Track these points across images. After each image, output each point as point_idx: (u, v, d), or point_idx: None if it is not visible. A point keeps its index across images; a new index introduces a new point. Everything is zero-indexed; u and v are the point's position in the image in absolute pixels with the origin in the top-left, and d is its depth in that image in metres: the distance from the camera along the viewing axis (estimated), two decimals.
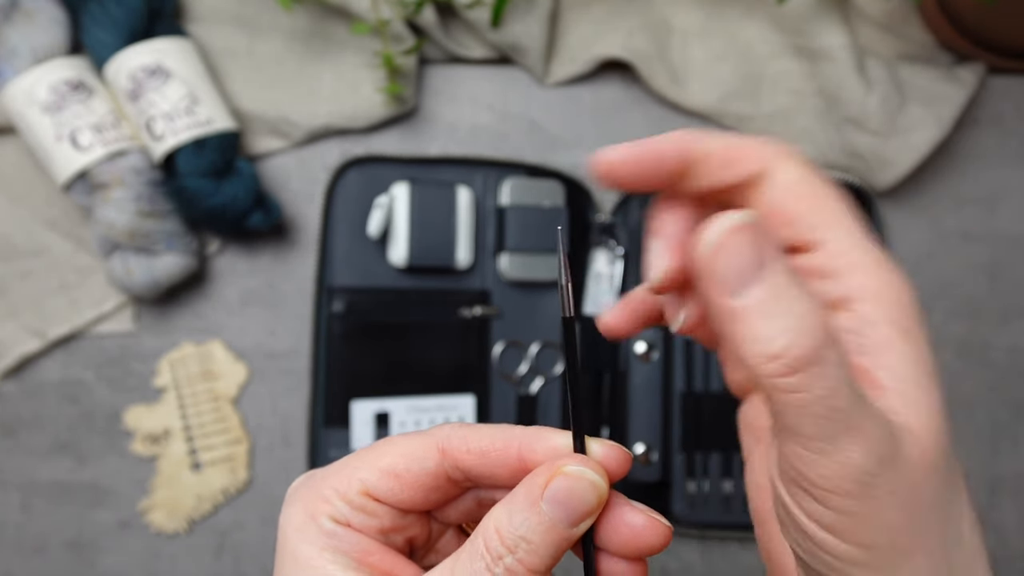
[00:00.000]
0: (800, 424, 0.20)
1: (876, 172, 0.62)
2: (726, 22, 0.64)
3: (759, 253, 0.20)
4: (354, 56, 0.63)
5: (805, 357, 0.19)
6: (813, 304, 0.20)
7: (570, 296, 0.26)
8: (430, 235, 0.60)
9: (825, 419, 0.20)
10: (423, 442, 0.25)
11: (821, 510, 0.21)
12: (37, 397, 0.61)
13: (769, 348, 0.20)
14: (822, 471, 0.20)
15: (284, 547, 0.25)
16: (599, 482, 0.23)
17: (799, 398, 0.20)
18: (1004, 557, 0.65)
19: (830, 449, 0.20)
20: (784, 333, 0.19)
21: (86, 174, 0.57)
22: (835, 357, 0.20)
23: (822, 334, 0.20)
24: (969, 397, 0.65)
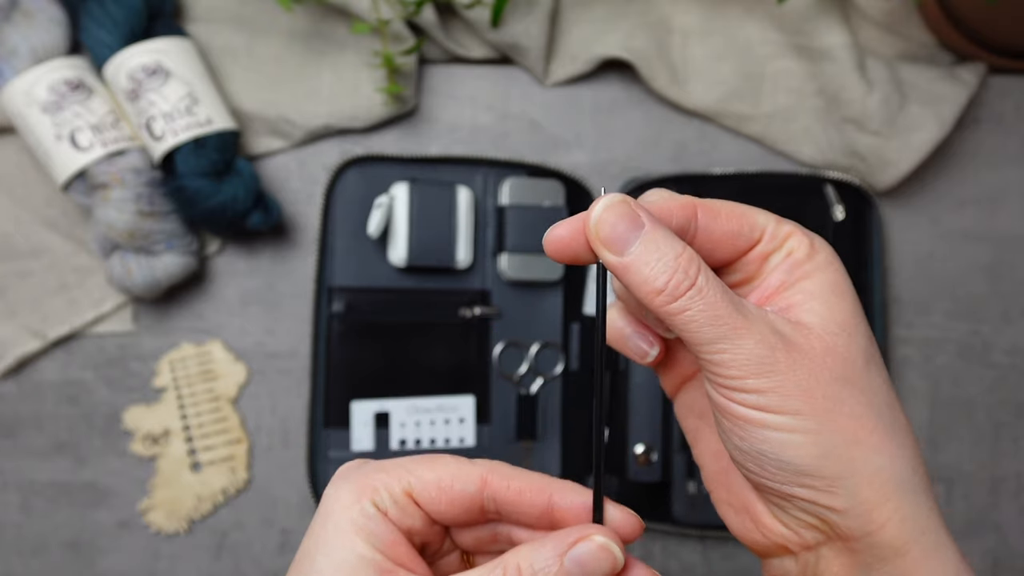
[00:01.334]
0: (698, 334, 0.27)
1: (877, 172, 0.62)
2: (726, 22, 0.64)
3: (633, 220, 0.27)
4: (354, 56, 0.63)
5: (682, 284, 0.26)
6: (682, 249, 0.27)
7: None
8: (430, 235, 0.60)
9: (713, 325, 0.26)
10: (470, 468, 0.29)
11: (743, 395, 0.27)
12: (37, 397, 0.61)
13: (654, 285, 0.27)
14: (729, 363, 0.27)
15: (326, 516, 0.28)
16: (619, 558, 0.27)
17: (688, 315, 0.26)
18: (1004, 557, 0.65)
19: (728, 346, 0.26)
20: (663, 273, 0.26)
21: (85, 174, 0.57)
22: (706, 282, 0.26)
23: (693, 269, 0.27)
24: (970, 397, 0.65)
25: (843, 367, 0.27)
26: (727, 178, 0.63)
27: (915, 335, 0.65)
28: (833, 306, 0.28)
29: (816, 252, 0.29)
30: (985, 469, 0.65)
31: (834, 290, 0.28)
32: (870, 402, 0.28)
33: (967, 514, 0.65)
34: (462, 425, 0.61)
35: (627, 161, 0.65)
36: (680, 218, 0.29)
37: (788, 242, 0.29)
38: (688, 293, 0.26)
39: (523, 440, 0.62)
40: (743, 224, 0.29)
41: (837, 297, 0.28)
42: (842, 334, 0.28)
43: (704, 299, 0.26)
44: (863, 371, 0.28)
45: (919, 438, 0.65)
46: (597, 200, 0.28)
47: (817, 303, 0.28)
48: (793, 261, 0.29)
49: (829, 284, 0.28)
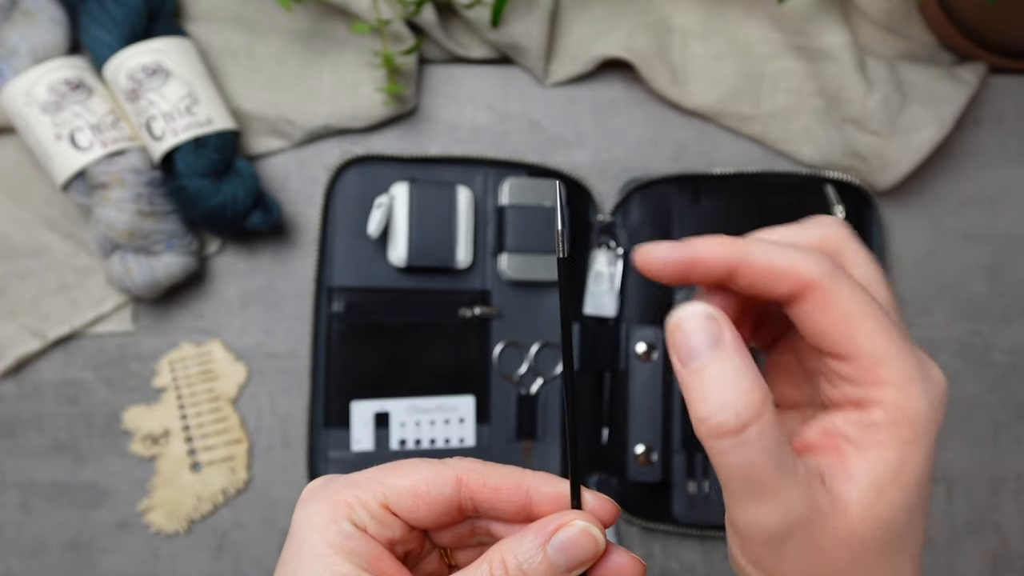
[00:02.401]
0: (725, 479, 0.25)
1: (877, 172, 0.62)
2: (726, 22, 0.64)
3: (713, 335, 0.25)
4: (354, 56, 0.63)
5: (728, 427, 0.24)
6: (748, 388, 0.24)
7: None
8: (430, 235, 0.60)
9: (742, 481, 0.24)
10: (444, 470, 0.28)
11: (746, 547, 0.26)
12: (36, 397, 0.61)
13: (700, 411, 0.24)
14: (742, 519, 0.25)
15: (300, 542, 0.27)
16: (600, 539, 0.27)
17: (723, 460, 0.24)
18: (1004, 557, 0.65)
19: (748, 506, 0.25)
20: (715, 403, 0.24)
21: (85, 174, 0.57)
22: (757, 434, 0.24)
23: (749, 414, 0.24)
24: (970, 397, 0.65)
25: (863, 562, 0.25)
26: (727, 178, 0.63)
27: (915, 335, 0.65)
28: (880, 501, 0.25)
29: (903, 423, 0.25)
30: (985, 469, 0.65)
31: (896, 478, 0.25)
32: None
33: (967, 514, 0.65)
34: (462, 425, 0.61)
35: (627, 161, 0.65)
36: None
37: (874, 390, 0.25)
38: (740, 434, 0.24)
39: (523, 440, 0.62)
40: (831, 336, 0.26)
41: (892, 488, 0.25)
42: (878, 530, 0.25)
43: (744, 449, 0.24)
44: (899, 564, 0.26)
45: None
46: (692, 302, 0.26)
47: (869, 490, 0.25)
48: (870, 418, 0.25)
49: (895, 468, 0.25)
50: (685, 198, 0.63)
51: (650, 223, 0.63)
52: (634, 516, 0.62)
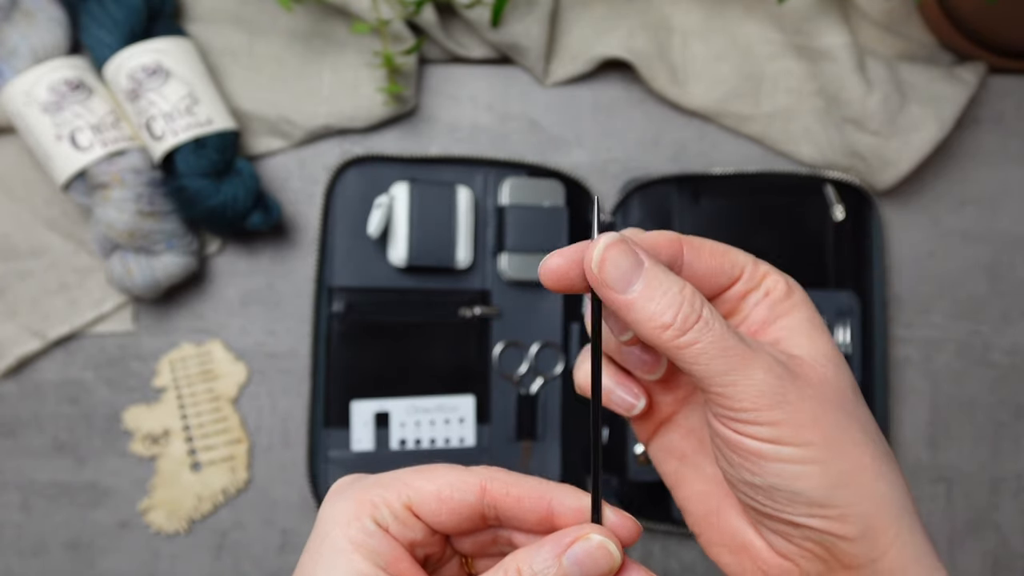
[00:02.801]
0: (708, 367, 0.27)
1: (877, 172, 0.62)
2: (726, 22, 0.64)
3: (634, 257, 0.27)
4: (354, 56, 0.63)
5: (689, 318, 0.27)
6: (683, 284, 0.27)
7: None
8: (430, 235, 0.60)
9: (723, 357, 0.27)
10: (469, 477, 0.29)
11: (756, 428, 0.27)
12: (37, 397, 0.61)
13: (661, 320, 0.27)
14: (741, 396, 0.27)
15: (323, 536, 0.27)
16: (616, 556, 0.27)
17: (698, 348, 0.26)
18: (1004, 557, 0.65)
19: (739, 378, 0.27)
20: (669, 307, 0.27)
21: (85, 174, 0.57)
22: (712, 315, 0.27)
23: (698, 302, 0.27)
24: (970, 397, 0.65)
25: (840, 397, 0.28)
26: (727, 178, 0.63)
27: (915, 335, 0.65)
28: (816, 340, 0.29)
29: (792, 291, 0.30)
30: (985, 469, 0.65)
31: (813, 325, 0.30)
32: (866, 430, 0.28)
33: (967, 514, 0.65)
34: (462, 425, 0.61)
35: (627, 161, 0.65)
36: (668, 253, 0.29)
37: (765, 281, 0.30)
38: (697, 325, 0.27)
39: (523, 440, 0.62)
40: (724, 262, 0.30)
41: (818, 332, 0.30)
42: (830, 365, 0.29)
43: (712, 331, 0.27)
44: (854, 400, 0.29)
45: (919, 438, 0.65)
46: (595, 240, 0.28)
47: (802, 337, 0.29)
48: (772, 299, 0.30)
49: (808, 320, 0.30)
50: (685, 198, 0.63)
51: (650, 223, 0.63)
52: (634, 516, 0.61)
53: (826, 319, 0.61)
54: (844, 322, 0.62)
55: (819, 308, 0.31)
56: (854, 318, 0.62)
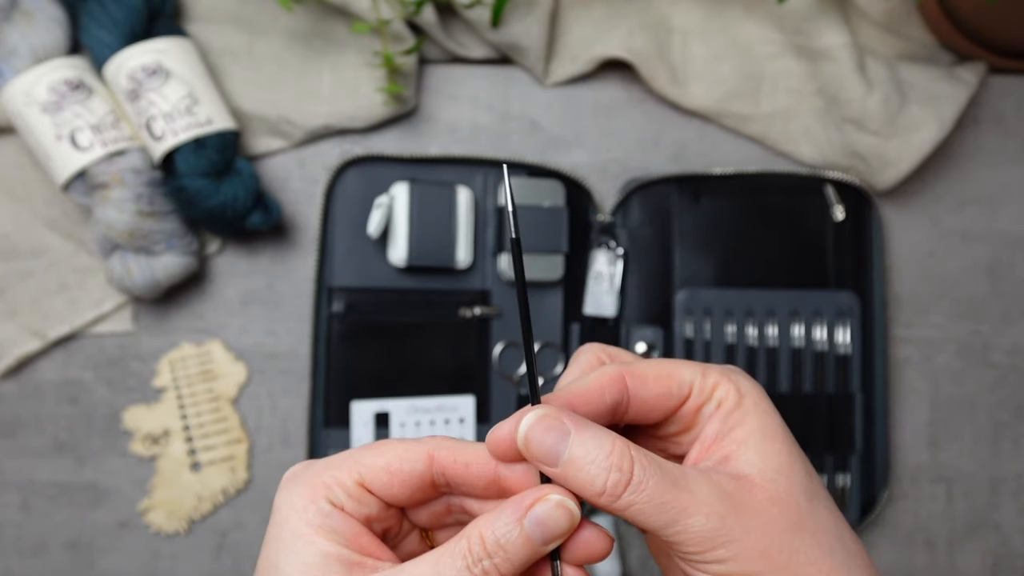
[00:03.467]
0: (649, 522, 0.27)
1: (877, 172, 0.62)
2: (726, 22, 0.64)
3: (558, 430, 0.27)
4: (354, 56, 0.63)
5: (620, 483, 0.27)
6: (611, 446, 0.27)
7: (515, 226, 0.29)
8: (430, 235, 0.60)
9: (660, 512, 0.27)
10: (416, 447, 0.29)
11: (711, 566, 0.27)
12: (37, 397, 0.61)
13: (593, 489, 0.27)
14: (687, 542, 0.27)
15: (281, 524, 0.28)
16: (575, 512, 0.28)
17: (635, 508, 0.27)
18: (1004, 557, 0.65)
19: (680, 528, 0.27)
20: (599, 475, 0.27)
21: (85, 174, 0.57)
22: (644, 473, 0.27)
23: (626, 464, 0.27)
24: (970, 397, 0.65)
25: (789, 514, 0.28)
26: (727, 178, 0.63)
27: (915, 335, 0.65)
28: (766, 452, 0.29)
29: (743, 397, 0.30)
30: (985, 469, 0.65)
31: (764, 435, 0.29)
32: (820, 542, 0.28)
33: (967, 514, 0.65)
34: (462, 425, 0.61)
35: (627, 161, 0.65)
36: (613, 392, 0.30)
37: (716, 392, 0.30)
38: (628, 488, 0.27)
39: None
40: (671, 384, 0.30)
41: (769, 441, 0.29)
42: (780, 479, 0.29)
43: (646, 490, 0.27)
44: (808, 512, 0.29)
45: (919, 438, 0.65)
46: (521, 413, 0.28)
47: (751, 451, 0.29)
48: (724, 411, 0.30)
49: (759, 430, 0.30)
50: (685, 198, 0.63)
51: (650, 223, 0.63)
52: None
53: (826, 319, 0.62)
54: (844, 322, 0.62)
55: (819, 308, 0.31)
56: (854, 318, 0.62)
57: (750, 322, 0.62)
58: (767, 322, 0.62)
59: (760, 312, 0.62)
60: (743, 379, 0.31)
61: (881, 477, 0.62)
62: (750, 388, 0.31)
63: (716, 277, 0.62)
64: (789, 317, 0.62)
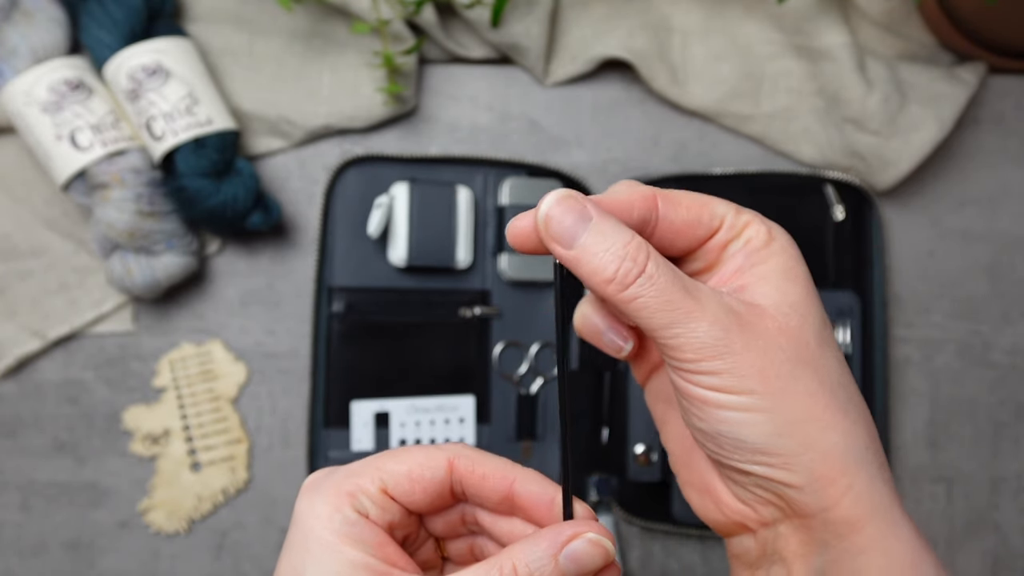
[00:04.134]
0: (652, 320, 0.27)
1: (877, 172, 0.62)
2: (726, 22, 0.64)
3: (580, 212, 0.27)
4: (354, 56, 0.63)
5: (631, 272, 0.27)
6: (630, 237, 0.27)
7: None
8: (430, 235, 0.60)
9: (666, 310, 0.27)
10: (437, 454, 0.29)
11: (700, 377, 0.27)
12: (37, 397, 0.61)
13: (604, 275, 0.27)
14: (685, 347, 0.27)
15: (306, 533, 0.28)
16: (611, 552, 0.28)
17: (640, 302, 0.27)
18: (1004, 557, 0.65)
19: (681, 331, 0.27)
20: (612, 261, 0.27)
21: (85, 174, 0.57)
22: (657, 269, 0.27)
23: (642, 256, 0.27)
24: (970, 397, 0.65)
25: (796, 347, 0.28)
26: (727, 178, 0.63)
27: (915, 335, 0.65)
28: (785, 289, 0.29)
29: (773, 239, 0.30)
30: (985, 469, 0.65)
31: (786, 274, 0.29)
32: (823, 380, 0.28)
33: (967, 514, 0.65)
34: (462, 425, 0.61)
35: (627, 161, 0.65)
36: (642, 209, 0.29)
37: (747, 231, 0.30)
38: (638, 280, 0.27)
39: (523, 440, 0.62)
40: (703, 213, 0.30)
41: (790, 281, 0.29)
42: (794, 315, 0.28)
43: (655, 285, 0.27)
44: (816, 351, 0.28)
45: (919, 438, 0.65)
46: (545, 196, 0.28)
47: (770, 286, 0.29)
48: (751, 248, 0.30)
49: (781, 268, 0.29)
50: None
51: None
52: (634, 516, 0.61)
53: None
54: (844, 322, 0.62)
55: None
56: (854, 318, 0.62)
57: None
58: None
59: None
60: (775, 225, 0.30)
61: None
62: (781, 232, 0.30)
63: None
64: None
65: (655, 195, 0.30)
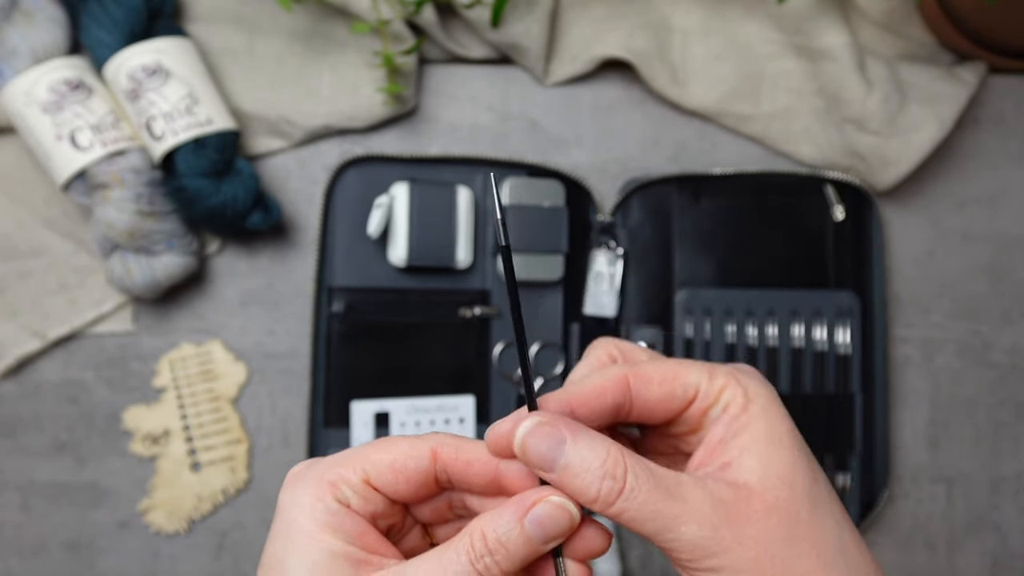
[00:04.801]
0: (644, 528, 0.27)
1: (877, 172, 0.62)
2: (726, 22, 0.64)
3: (554, 437, 0.28)
4: (354, 56, 0.63)
5: (613, 490, 0.27)
6: (606, 454, 0.27)
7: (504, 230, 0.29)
8: (430, 235, 0.60)
9: (653, 519, 0.27)
10: (420, 444, 0.29)
11: (699, 573, 0.27)
12: (37, 397, 0.61)
13: (587, 496, 0.27)
14: (682, 550, 0.27)
15: (289, 523, 0.28)
16: (575, 513, 0.28)
17: (628, 516, 0.27)
18: (1004, 557, 0.65)
19: (672, 536, 0.27)
20: (592, 483, 0.27)
21: (85, 174, 0.57)
22: (637, 481, 0.27)
23: (620, 471, 0.27)
24: (970, 397, 0.65)
25: (788, 524, 0.28)
26: (727, 178, 0.63)
27: (915, 335, 0.65)
28: (769, 458, 0.29)
29: (750, 402, 0.30)
30: (985, 469, 0.65)
31: (769, 440, 0.29)
32: (820, 554, 0.28)
33: (967, 514, 0.65)
34: (462, 425, 0.61)
35: (627, 161, 0.65)
36: (615, 394, 0.30)
37: (723, 395, 0.30)
38: (621, 496, 0.27)
39: None
40: (675, 387, 0.30)
41: (774, 447, 0.29)
42: (782, 487, 0.28)
43: (638, 498, 0.27)
44: (809, 521, 0.28)
45: (919, 438, 0.65)
46: (519, 415, 0.29)
47: (753, 459, 0.29)
48: (730, 416, 0.30)
49: (763, 434, 0.29)
50: (685, 198, 0.63)
51: (650, 223, 0.63)
52: None
53: (826, 319, 0.62)
54: (844, 322, 0.62)
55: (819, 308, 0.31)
56: (854, 318, 0.62)
57: (750, 322, 0.62)
58: (767, 322, 0.62)
59: (760, 312, 0.62)
60: (752, 381, 0.30)
61: (881, 477, 0.62)
62: (759, 391, 0.30)
63: (716, 277, 0.62)
64: (789, 317, 0.62)
65: (626, 376, 0.30)
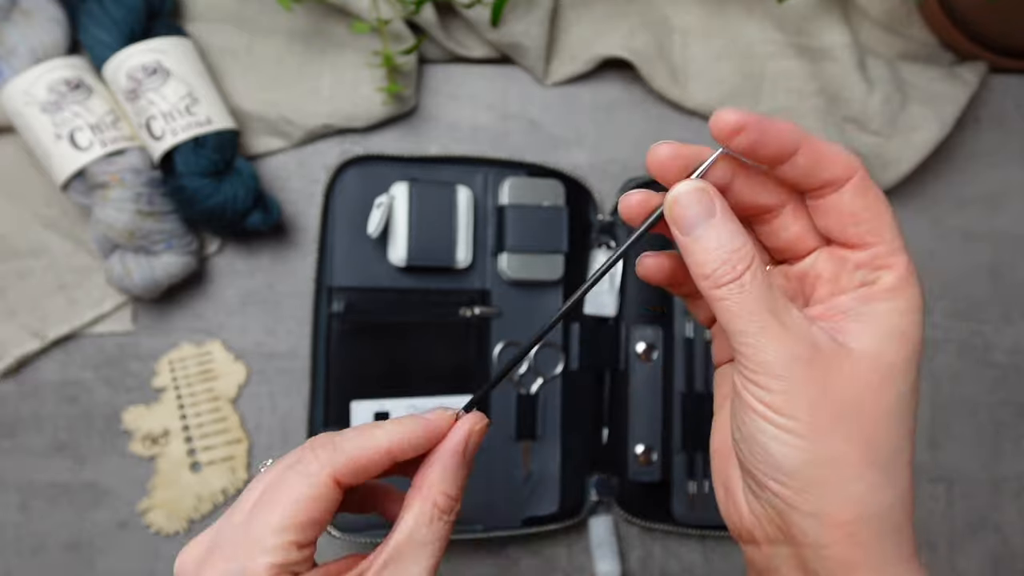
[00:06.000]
0: (730, 324, 0.28)
1: (878, 172, 0.62)
2: (727, 21, 0.64)
3: (705, 207, 0.29)
4: (354, 56, 0.63)
5: (726, 276, 0.28)
6: (741, 244, 0.28)
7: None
8: (430, 235, 0.60)
9: (746, 320, 0.28)
10: (320, 489, 0.32)
11: (758, 389, 0.28)
12: (36, 397, 0.61)
13: (704, 269, 0.28)
14: (751, 357, 0.28)
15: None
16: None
17: (725, 304, 0.28)
18: (1004, 557, 0.65)
19: (753, 343, 0.28)
20: (715, 260, 0.28)
21: (85, 174, 0.57)
22: (753, 280, 0.28)
23: (742, 265, 0.28)
24: (971, 397, 0.65)
25: (861, 400, 0.28)
26: None
27: None
28: (885, 349, 0.29)
29: (907, 288, 0.29)
30: (985, 469, 0.65)
31: (900, 336, 0.29)
32: (871, 436, 0.28)
33: (967, 514, 0.65)
34: None
35: (627, 161, 0.65)
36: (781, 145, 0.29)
37: (885, 273, 0.29)
38: (730, 285, 0.28)
39: (523, 440, 0.62)
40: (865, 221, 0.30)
41: (896, 342, 0.29)
42: (879, 374, 0.28)
43: (743, 294, 0.28)
44: (884, 412, 0.28)
45: (919, 438, 0.65)
46: (681, 181, 0.29)
47: (873, 340, 0.29)
48: (875, 290, 0.29)
49: (898, 328, 0.29)
50: None
51: None
52: (634, 516, 0.61)
53: None
54: None
55: None
56: None
57: None
58: None
59: None
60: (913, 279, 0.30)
61: None
62: (916, 285, 0.29)
63: None
64: None
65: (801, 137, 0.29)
